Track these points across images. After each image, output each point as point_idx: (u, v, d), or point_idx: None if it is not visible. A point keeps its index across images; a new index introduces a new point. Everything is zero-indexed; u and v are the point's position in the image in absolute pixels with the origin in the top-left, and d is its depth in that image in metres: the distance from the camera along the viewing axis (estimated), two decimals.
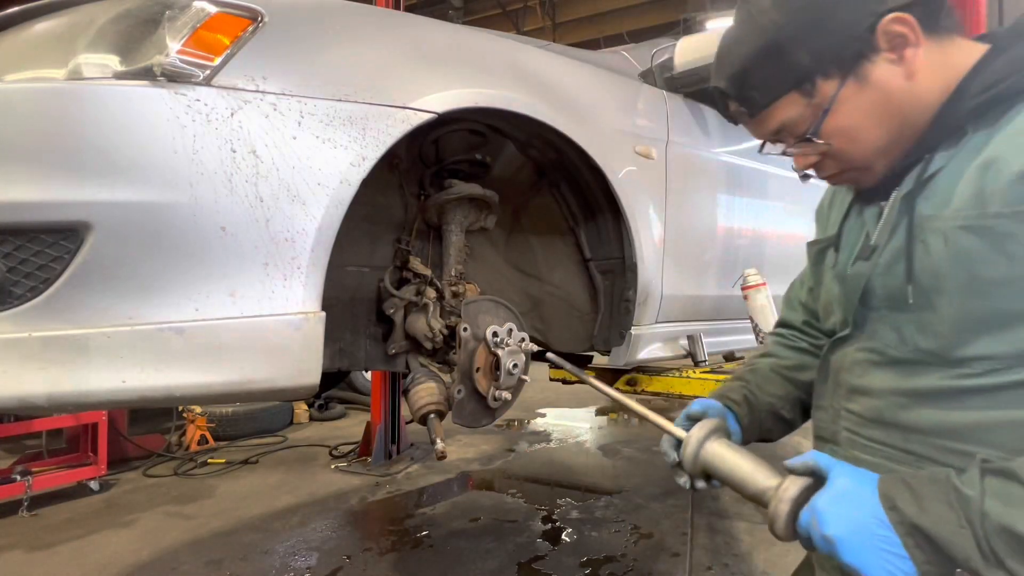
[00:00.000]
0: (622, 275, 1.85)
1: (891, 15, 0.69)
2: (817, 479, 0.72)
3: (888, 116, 0.73)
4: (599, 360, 2.13)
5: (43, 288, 0.99)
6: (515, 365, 1.52)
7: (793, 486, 0.73)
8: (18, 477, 2.99)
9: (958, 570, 0.63)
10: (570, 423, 5.06)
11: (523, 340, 1.58)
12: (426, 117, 1.27)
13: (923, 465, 0.72)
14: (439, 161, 1.66)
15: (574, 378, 2.59)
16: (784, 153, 0.81)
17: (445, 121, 1.40)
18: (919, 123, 0.74)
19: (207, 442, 4.16)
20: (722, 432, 0.87)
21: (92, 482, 3.28)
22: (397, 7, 3.93)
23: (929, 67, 0.72)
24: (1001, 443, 0.66)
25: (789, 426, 1.02)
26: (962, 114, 0.71)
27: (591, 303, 1.96)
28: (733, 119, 0.84)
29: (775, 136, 0.80)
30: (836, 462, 0.71)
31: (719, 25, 7.71)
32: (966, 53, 0.72)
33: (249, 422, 4.49)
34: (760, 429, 0.99)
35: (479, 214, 1.75)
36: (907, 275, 0.72)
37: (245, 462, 3.87)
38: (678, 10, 8.98)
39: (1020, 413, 0.66)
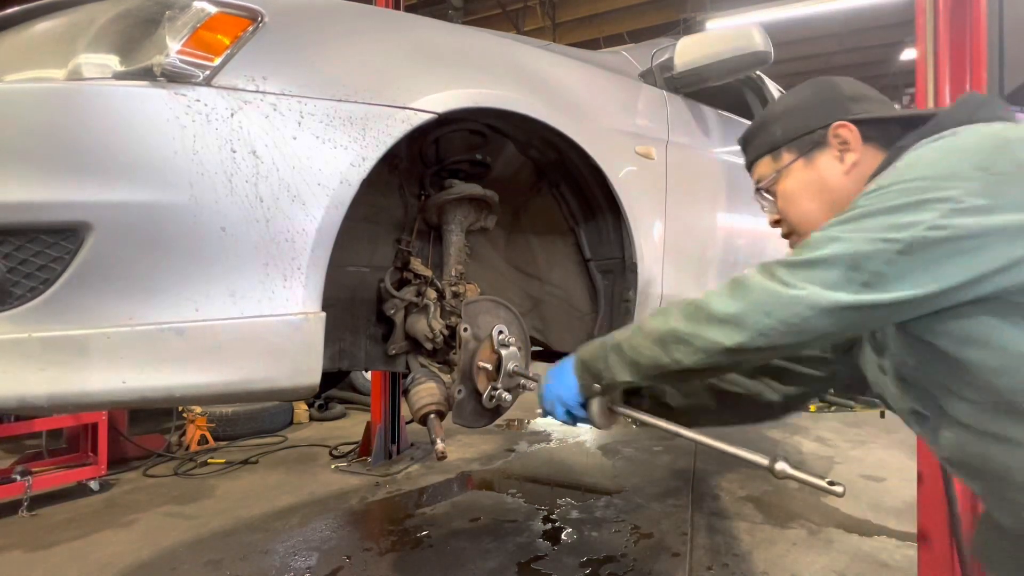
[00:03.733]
0: (622, 275, 1.85)
1: (842, 123, 0.93)
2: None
3: (819, 196, 0.97)
4: None
5: (43, 288, 0.99)
6: (515, 366, 1.52)
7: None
8: (18, 477, 2.99)
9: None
10: None
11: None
12: (426, 117, 1.26)
13: None
14: (439, 161, 1.66)
15: None
16: (762, 207, 1.09)
17: (445, 121, 1.40)
18: None
19: (207, 442, 4.16)
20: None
21: (92, 482, 3.28)
22: (397, 7, 3.93)
23: (861, 171, 0.93)
24: None
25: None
26: None
27: (591, 303, 1.96)
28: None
29: (755, 188, 1.08)
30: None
31: (719, 25, 7.71)
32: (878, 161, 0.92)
33: (249, 422, 4.49)
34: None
35: (479, 214, 1.75)
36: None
37: (245, 462, 3.87)
38: (678, 10, 8.96)
39: None
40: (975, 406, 0.79)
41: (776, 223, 1.07)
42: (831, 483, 0.84)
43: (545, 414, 1.14)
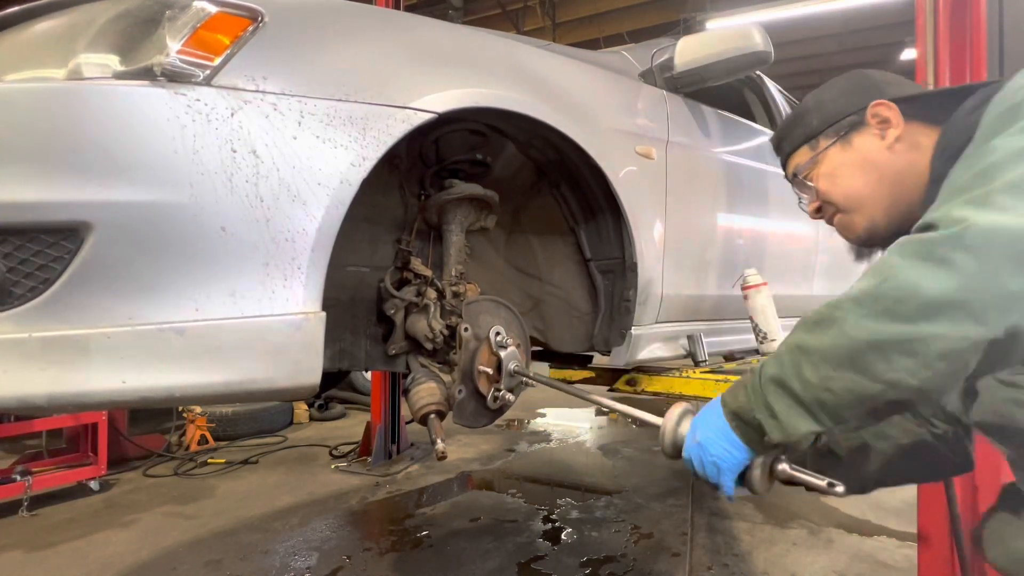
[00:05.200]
0: (622, 275, 1.85)
1: (880, 101, 0.94)
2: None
3: (863, 172, 0.96)
4: (599, 360, 2.13)
5: (43, 288, 0.99)
6: (516, 365, 1.52)
7: (674, 411, 0.92)
8: (18, 477, 2.99)
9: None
10: (570, 423, 5.06)
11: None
12: (426, 117, 1.26)
13: None
14: (439, 161, 1.66)
15: (574, 378, 2.58)
16: (800, 202, 1.08)
17: (445, 121, 1.40)
18: (906, 196, 0.92)
19: (207, 442, 4.16)
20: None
21: (92, 482, 3.28)
22: (397, 7, 3.93)
23: (906, 145, 0.93)
24: None
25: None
26: (937, 186, 0.80)
27: (591, 303, 1.96)
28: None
29: (792, 180, 1.07)
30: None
31: (719, 25, 7.71)
32: (932, 136, 0.90)
33: (249, 422, 4.49)
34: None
35: (479, 214, 1.74)
36: None
37: (245, 462, 3.87)
38: (678, 10, 8.96)
39: None
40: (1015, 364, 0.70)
41: (817, 211, 1.05)
42: (831, 484, 0.83)
43: (695, 475, 0.88)
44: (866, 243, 1.01)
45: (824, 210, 1.03)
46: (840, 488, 0.81)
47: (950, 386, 0.67)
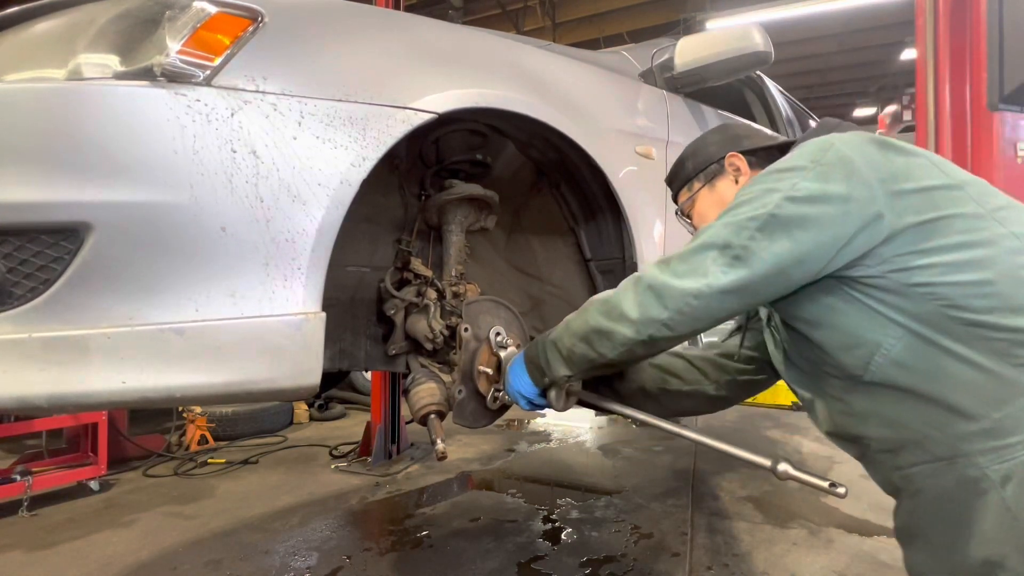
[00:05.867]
0: (623, 275, 1.84)
1: (732, 153, 1.19)
2: None
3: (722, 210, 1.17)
4: None
5: (43, 289, 0.99)
6: None
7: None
8: (18, 477, 2.99)
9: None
10: (570, 423, 5.05)
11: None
12: (426, 117, 1.26)
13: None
14: (439, 161, 1.66)
15: None
16: (687, 229, 1.33)
17: (445, 121, 1.40)
18: None
19: (207, 442, 4.16)
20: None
21: (92, 482, 3.28)
22: (397, 7, 3.93)
23: None
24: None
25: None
26: None
27: None
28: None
29: (677, 215, 1.34)
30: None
31: (719, 25, 7.71)
32: None
33: (249, 422, 4.49)
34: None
35: (479, 214, 1.74)
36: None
37: (245, 462, 3.87)
38: (678, 10, 8.95)
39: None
40: (839, 381, 0.96)
41: None
42: (833, 484, 0.84)
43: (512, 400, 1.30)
44: None
45: None
46: (842, 490, 0.84)
47: (632, 362, 1.13)
